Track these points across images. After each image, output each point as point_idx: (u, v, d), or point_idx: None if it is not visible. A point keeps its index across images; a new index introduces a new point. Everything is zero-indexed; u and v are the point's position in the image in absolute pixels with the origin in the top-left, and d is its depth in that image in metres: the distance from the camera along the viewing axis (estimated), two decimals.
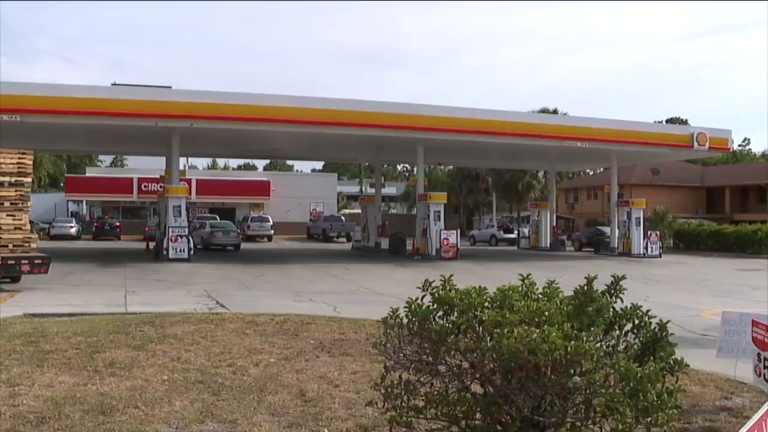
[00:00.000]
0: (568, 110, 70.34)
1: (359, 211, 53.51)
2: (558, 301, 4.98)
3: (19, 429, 6.50)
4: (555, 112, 63.97)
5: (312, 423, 6.79)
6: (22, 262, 19.96)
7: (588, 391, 4.45)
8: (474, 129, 33.78)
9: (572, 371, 4.41)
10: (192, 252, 31.01)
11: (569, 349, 4.26)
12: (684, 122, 76.10)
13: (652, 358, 4.74)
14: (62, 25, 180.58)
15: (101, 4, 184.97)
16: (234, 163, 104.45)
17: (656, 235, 41.54)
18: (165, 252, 30.39)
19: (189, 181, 49.18)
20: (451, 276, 5.17)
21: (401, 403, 5.02)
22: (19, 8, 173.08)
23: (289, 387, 8.20)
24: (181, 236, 30.58)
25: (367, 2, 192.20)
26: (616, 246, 42.19)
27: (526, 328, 4.48)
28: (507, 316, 4.64)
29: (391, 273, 27.90)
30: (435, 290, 5.11)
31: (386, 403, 5.09)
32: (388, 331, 5.19)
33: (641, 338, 4.89)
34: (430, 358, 4.96)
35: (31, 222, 22.54)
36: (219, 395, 7.76)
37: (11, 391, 7.85)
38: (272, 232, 56.49)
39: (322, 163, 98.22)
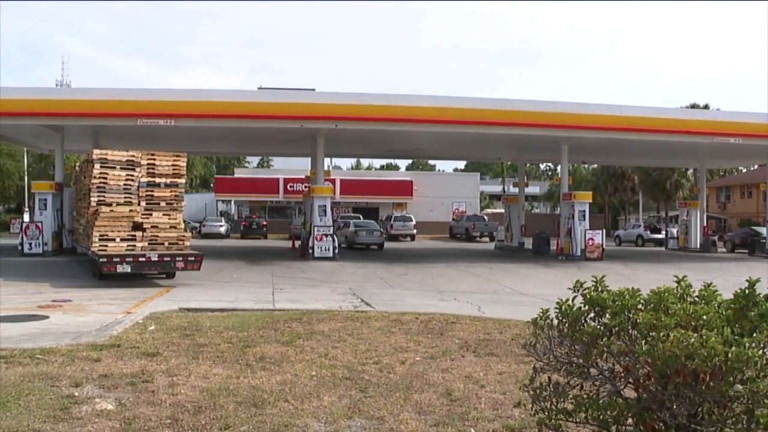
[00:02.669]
0: (720, 105, 67.52)
1: (502, 210, 53.04)
2: (716, 305, 4.77)
3: (178, 416, 6.79)
4: (706, 107, 61.54)
5: (458, 422, 6.77)
6: (177, 259, 20.91)
7: (750, 401, 4.23)
8: (620, 126, 32.85)
9: (733, 379, 4.21)
10: (337, 251, 31.46)
11: (730, 355, 4.07)
12: None
13: None
14: (208, 32, 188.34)
15: (244, 11, 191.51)
16: (377, 163, 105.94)
17: None
18: (310, 250, 30.99)
19: (333, 181, 50.11)
20: (603, 277, 5.05)
21: (550, 405, 4.94)
22: (169, 19, 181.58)
23: (435, 386, 8.22)
24: (326, 235, 31.13)
25: (505, 1, 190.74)
26: None
27: (683, 332, 4.31)
28: (662, 319, 4.48)
29: (535, 273, 27.55)
30: (587, 291, 5.00)
31: (535, 405, 5.02)
32: (537, 332, 5.12)
33: None
34: (581, 361, 4.86)
35: (184, 221, 23.51)
36: (366, 392, 7.87)
37: (170, 380, 8.23)
38: (415, 231, 56.58)
39: (464, 162, 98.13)
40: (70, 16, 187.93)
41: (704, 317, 4.54)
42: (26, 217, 45.98)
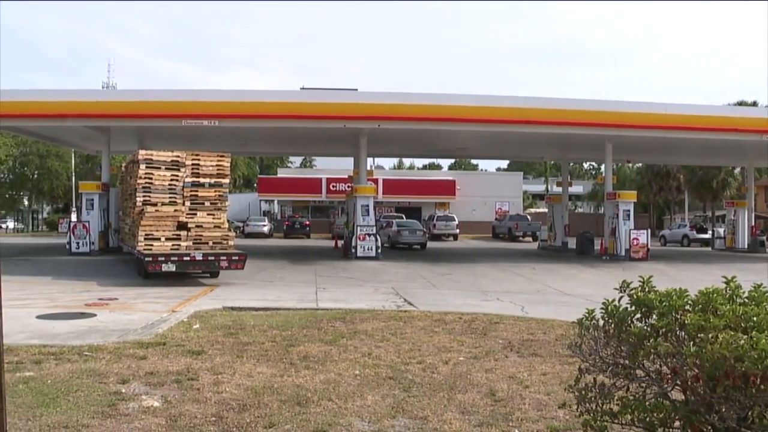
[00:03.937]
0: None
1: (545, 210, 52.66)
2: (767, 306, 4.68)
3: (223, 414, 6.86)
4: (754, 104, 60.47)
5: (502, 423, 6.74)
6: (221, 258, 21.06)
7: None
8: (665, 125, 32.39)
9: None
10: (379, 250, 31.49)
11: None
12: None
13: None
14: (250, 34, 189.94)
15: (286, 13, 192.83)
16: (419, 162, 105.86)
17: None
18: (353, 250, 31.07)
19: (376, 181, 50.21)
20: (650, 277, 4.99)
21: (595, 407, 4.89)
22: (212, 21, 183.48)
23: (478, 386, 8.20)
24: (369, 235, 31.16)
25: (546, 0, 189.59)
26: None
27: (733, 333, 4.23)
28: (711, 320, 4.41)
29: (579, 273, 27.29)
30: (633, 291, 4.94)
31: (579, 406, 4.97)
32: (583, 332, 5.06)
33: None
34: (627, 362, 4.79)
35: (228, 221, 23.69)
36: (409, 392, 7.87)
37: (215, 378, 8.31)
38: (458, 231, 56.40)
39: (507, 161, 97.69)
40: (116, 18, 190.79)
41: (754, 319, 4.45)
42: (74, 217, 46.70)
